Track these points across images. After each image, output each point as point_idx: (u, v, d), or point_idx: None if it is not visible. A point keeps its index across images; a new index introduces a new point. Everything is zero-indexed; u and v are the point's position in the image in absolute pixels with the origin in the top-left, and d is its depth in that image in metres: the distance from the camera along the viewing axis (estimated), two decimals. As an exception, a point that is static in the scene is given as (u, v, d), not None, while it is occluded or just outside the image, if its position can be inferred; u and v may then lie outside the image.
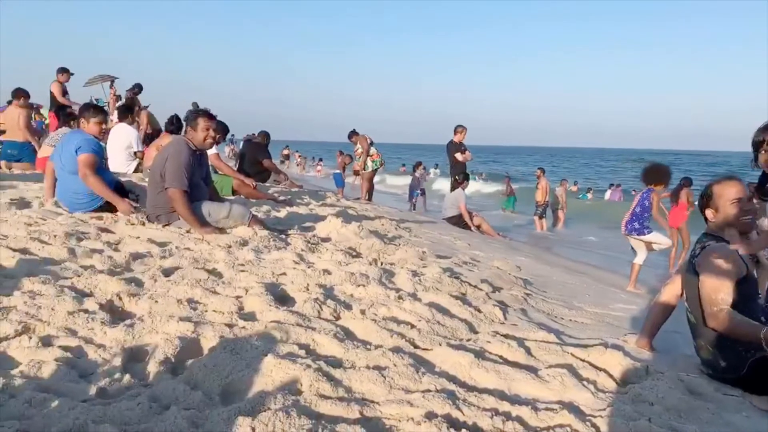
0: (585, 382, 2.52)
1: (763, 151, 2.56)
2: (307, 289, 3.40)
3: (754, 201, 2.88)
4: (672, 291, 3.30)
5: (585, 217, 20.05)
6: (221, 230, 4.94)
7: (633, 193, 27.60)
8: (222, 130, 7.19)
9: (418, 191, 17.50)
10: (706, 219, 3.14)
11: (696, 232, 6.07)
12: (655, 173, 7.52)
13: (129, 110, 10.10)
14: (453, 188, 11.18)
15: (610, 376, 2.69)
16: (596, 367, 2.73)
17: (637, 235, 7.49)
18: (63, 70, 11.93)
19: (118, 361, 2.37)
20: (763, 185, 2.74)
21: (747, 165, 2.87)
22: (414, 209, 15.46)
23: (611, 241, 14.92)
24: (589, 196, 26.11)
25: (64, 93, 12.04)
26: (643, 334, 3.31)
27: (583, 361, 2.78)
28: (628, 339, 3.38)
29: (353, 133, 12.65)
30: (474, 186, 22.64)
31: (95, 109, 5.64)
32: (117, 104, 12.87)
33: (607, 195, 26.29)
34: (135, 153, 9.25)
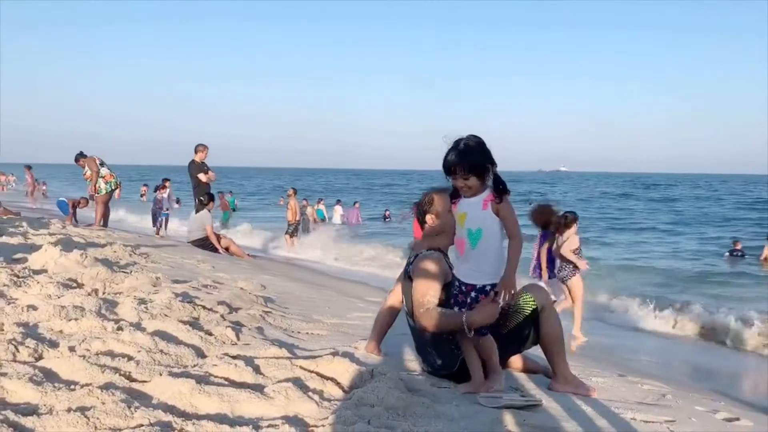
0: (311, 393, 2.52)
1: (453, 178, 2.80)
2: (2, 330, 2.92)
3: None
4: (396, 296, 3.48)
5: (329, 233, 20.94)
6: None
7: (356, 205, 28.34)
8: None
9: (166, 212, 16.53)
10: (422, 225, 3.35)
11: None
12: (543, 214, 7.42)
13: None
14: (198, 210, 10.75)
15: (338, 384, 2.73)
16: (324, 377, 2.76)
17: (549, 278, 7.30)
18: None
19: None
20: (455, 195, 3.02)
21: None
22: (159, 233, 14.54)
23: (354, 254, 15.71)
24: (324, 210, 26.55)
25: None
26: (372, 340, 3.46)
27: (312, 372, 2.79)
28: (359, 345, 3.50)
29: (80, 156, 11.51)
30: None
31: None
32: None
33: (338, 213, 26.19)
34: None
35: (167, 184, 15.76)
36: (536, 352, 3.32)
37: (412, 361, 3.41)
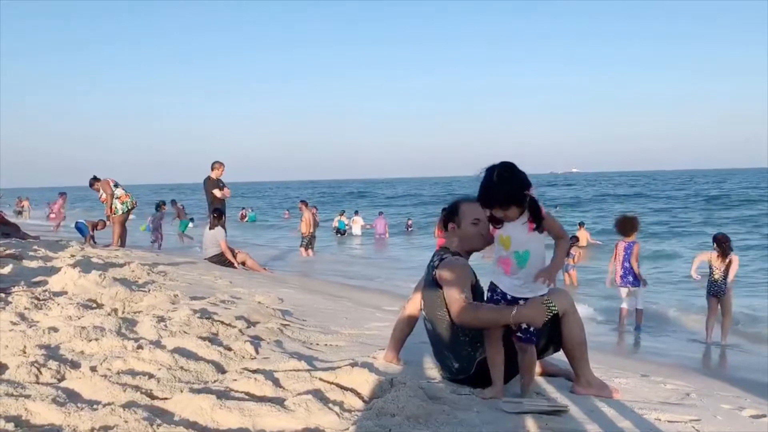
0: (331, 405, 2.51)
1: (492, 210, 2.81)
2: (24, 352, 2.96)
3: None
4: (414, 305, 3.48)
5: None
6: None
7: (381, 215, 28.28)
8: None
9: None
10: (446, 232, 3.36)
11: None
12: (630, 224, 8.30)
13: None
14: (212, 226, 10.81)
15: (358, 394, 2.73)
16: (344, 388, 2.76)
17: (633, 287, 8.15)
18: None
19: None
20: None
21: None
22: (159, 248, 14.75)
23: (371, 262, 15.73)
24: (345, 222, 26.55)
25: None
26: (390, 348, 3.45)
27: (331, 383, 2.79)
28: (377, 355, 3.50)
29: (94, 180, 11.70)
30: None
31: None
32: None
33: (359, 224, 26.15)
34: None
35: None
36: (556, 354, 3.30)
37: (431, 369, 3.39)
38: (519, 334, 2.87)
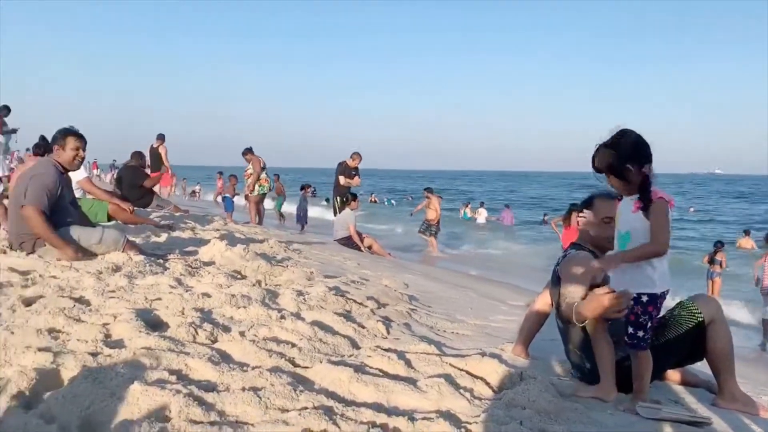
0: (462, 390, 2.56)
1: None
2: (183, 314, 3.26)
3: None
4: (544, 300, 3.44)
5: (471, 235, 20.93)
6: (92, 255, 4.65)
7: (508, 207, 27.76)
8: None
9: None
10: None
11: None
12: None
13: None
14: (342, 210, 11.22)
15: (487, 383, 2.76)
16: (473, 376, 2.79)
17: None
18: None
19: (-39, 400, 2.14)
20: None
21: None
22: (302, 230, 15.40)
23: (500, 257, 15.56)
24: (469, 213, 26.54)
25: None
26: (519, 342, 3.44)
27: (461, 370, 2.84)
28: (505, 348, 3.50)
29: (248, 151, 12.28)
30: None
31: None
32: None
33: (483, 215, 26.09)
34: (-1, 178, 8.58)
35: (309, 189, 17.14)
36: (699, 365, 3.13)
37: (560, 367, 3.34)
38: (626, 338, 2.69)
